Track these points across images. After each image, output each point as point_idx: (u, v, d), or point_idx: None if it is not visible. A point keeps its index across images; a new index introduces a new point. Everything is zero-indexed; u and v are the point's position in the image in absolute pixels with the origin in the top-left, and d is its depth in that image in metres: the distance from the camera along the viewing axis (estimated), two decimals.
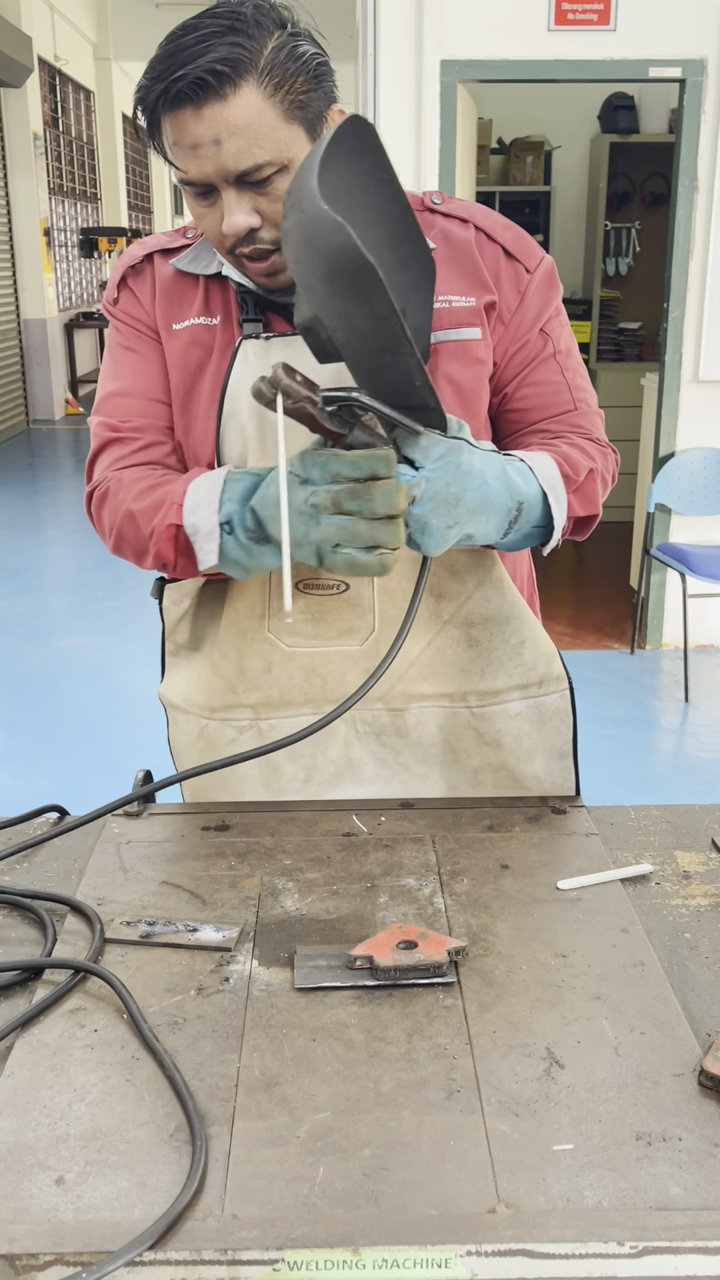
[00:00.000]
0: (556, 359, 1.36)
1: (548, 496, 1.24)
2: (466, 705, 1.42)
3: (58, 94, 12.19)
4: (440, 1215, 0.77)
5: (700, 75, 4.30)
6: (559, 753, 1.45)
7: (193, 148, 1.16)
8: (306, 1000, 0.99)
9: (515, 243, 1.35)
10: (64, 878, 1.20)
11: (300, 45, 1.18)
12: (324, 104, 1.21)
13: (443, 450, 1.11)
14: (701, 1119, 0.85)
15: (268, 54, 1.15)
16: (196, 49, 1.13)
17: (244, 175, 1.17)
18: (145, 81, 1.17)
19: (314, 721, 1.18)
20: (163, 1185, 0.79)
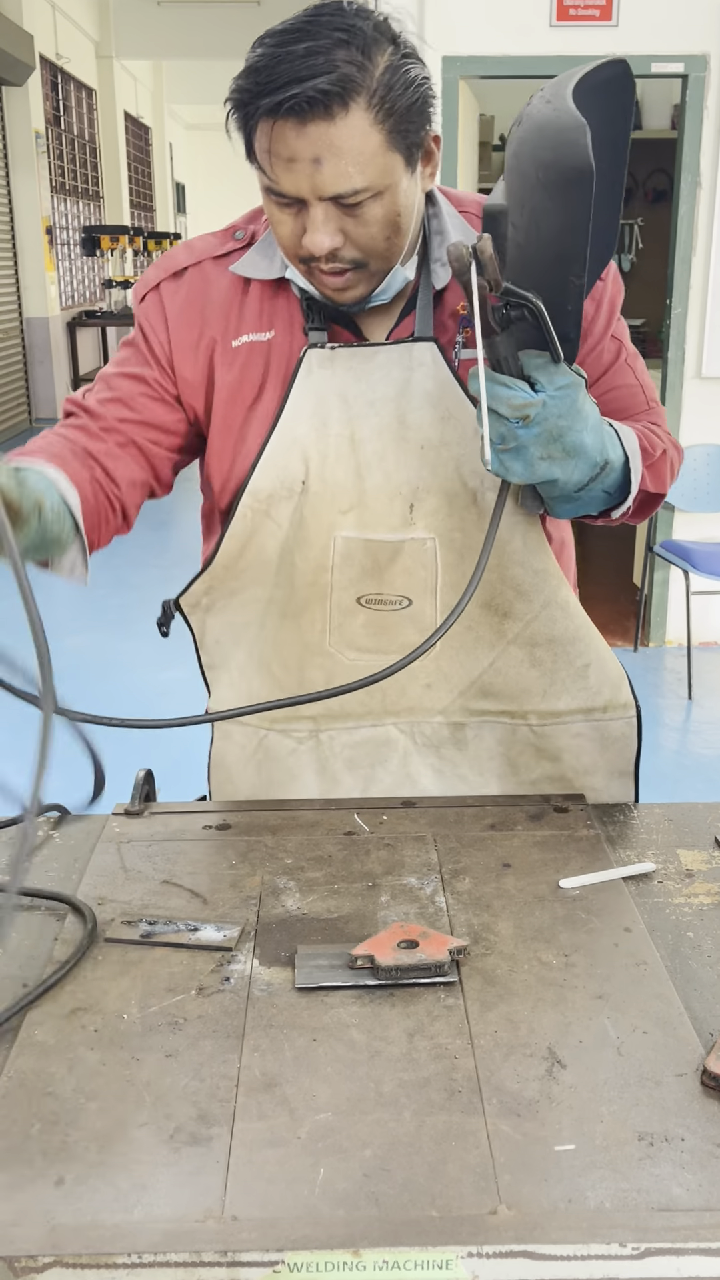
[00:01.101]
0: (628, 362, 1.37)
1: (629, 462, 1.22)
2: (528, 724, 1.41)
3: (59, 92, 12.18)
4: (441, 1216, 0.76)
5: (703, 71, 4.28)
6: (620, 771, 1.44)
7: (289, 161, 1.12)
8: (307, 1000, 0.99)
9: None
10: (64, 877, 1.20)
11: (411, 68, 1.14)
12: (425, 130, 1.18)
13: (567, 382, 1.11)
14: (704, 1119, 0.85)
15: (379, 75, 1.11)
16: (308, 61, 1.08)
17: (339, 197, 1.14)
18: (246, 84, 1.11)
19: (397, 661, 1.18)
20: (162, 1187, 0.79)
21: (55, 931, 1.10)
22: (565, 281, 1.07)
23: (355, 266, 1.20)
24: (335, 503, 1.31)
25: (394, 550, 1.31)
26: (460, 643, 1.36)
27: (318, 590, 1.34)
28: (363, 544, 1.31)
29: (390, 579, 1.33)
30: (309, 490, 1.30)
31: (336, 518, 1.31)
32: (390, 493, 1.30)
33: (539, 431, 1.11)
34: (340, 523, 1.31)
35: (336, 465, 1.30)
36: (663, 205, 6.71)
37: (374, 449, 1.29)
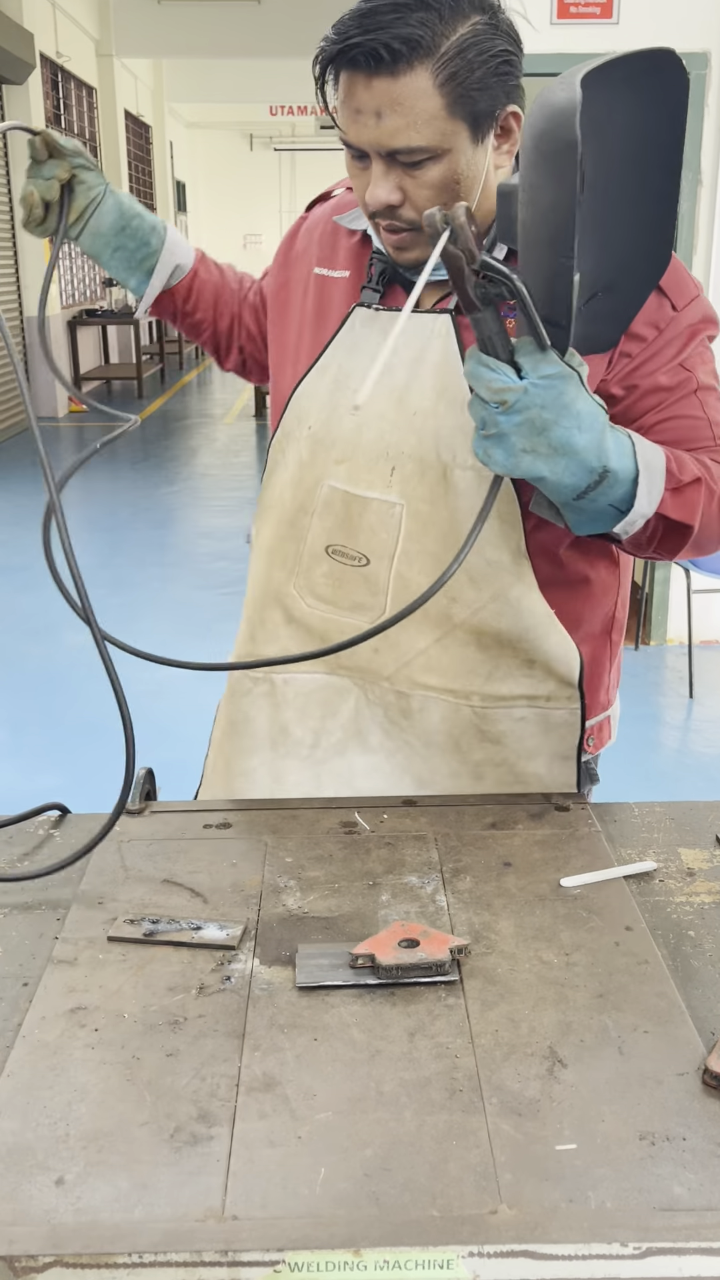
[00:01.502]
0: (698, 395, 1.31)
1: (639, 476, 1.17)
2: (470, 704, 1.41)
3: (60, 91, 12.17)
4: (442, 1216, 0.76)
5: (703, 69, 4.28)
6: (562, 756, 1.44)
7: (356, 113, 1.18)
8: (308, 999, 0.99)
9: (668, 276, 1.27)
10: (66, 876, 1.20)
11: (491, 39, 1.16)
12: (499, 104, 1.20)
13: (553, 371, 1.09)
14: (705, 1118, 0.85)
15: (453, 40, 1.14)
16: (386, 18, 1.13)
17: (395, 153, 1.18)
18: (332, 35, 1.17)
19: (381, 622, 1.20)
20: (163, 1186, 0.79)
21: (55, 930, 1.10)
22: (554, 263, 1.04)
23: (411, 227, 1.24)
24: (332, 452, 1.37)
25: (366, 507, 1.35)
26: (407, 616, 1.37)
27: (296, 531, 1.41)
28: (343, 495, 1.37)
29: (356, 535, 1.37)
30: (314, 435, 1.38)
31: (331, 466, 1.37)
32: (378, 453, 1.35)
33: (520, 420, 1.09)
34: (333, 472, 1.37)
35: (345, 417, 1.35)
36: None
37: (378, 408, 1.33)
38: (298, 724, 1.46)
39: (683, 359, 1.30)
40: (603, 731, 1.53)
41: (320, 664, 1.43)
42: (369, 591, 1.38)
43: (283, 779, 1.47)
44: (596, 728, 1.50)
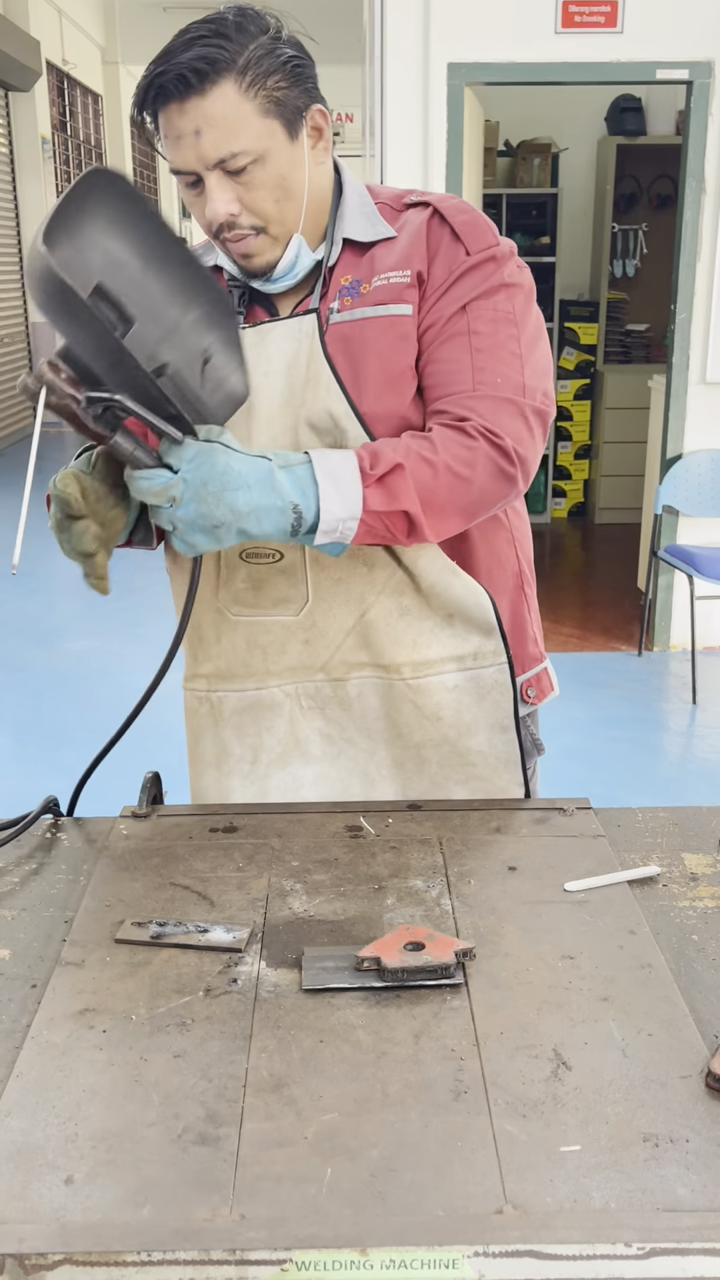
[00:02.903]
0: (470, 339, 1.33)
1: (319, 488, 1.22)
2: (402, 678, 1.43)
3: (66, 98, 12.22)
4: (447, 1216, 0.77)
5: (707, 77, 4.29)
6: (500, 726, 1.46)
7: (177, 138, 1.27)
8: (314, 1001, 0.99)
9: (466, 226, 1.36)
10: (72, 879, 1.21)
11: (280, 48, 1.28)
12: (302, 101, 1.30)
13: (194, 452, 1.19)
14: (709, 1120, 0.85)
15: (246, 54, 1.25)
16: (183, 52, 1.24)
17: (221, 163, 1.27)
18: (141, 81, 1.28)
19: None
20: (171, 1185, 0.80)
21: (63, 933, 1.10)
22: (129, 375, 1.14)
23: (256, 232, 1.32)
24: None
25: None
26: (332, 596, 1.40)
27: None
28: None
29: None
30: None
31: None
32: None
33: (194, 504, 1.19)
34: None
35: (235, 431, 1.34)
36: (667, 211, 6.72)
37: (264, 413, 1.37)
38: (236, 742, 1.48)
39: (466, 301, 1.34)
40: (541, 683, 1.54)
41: (250, 678, 1.45)
42: (289, 584, 1.41)
43: (229, 796, 1.49)
44: (534, 679, 1.52)
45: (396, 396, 1.34)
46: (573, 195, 7.19)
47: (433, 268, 1.35)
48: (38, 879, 1.21)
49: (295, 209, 1.33)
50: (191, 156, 1.27)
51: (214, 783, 1.50)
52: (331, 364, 1.34)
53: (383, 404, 1.34)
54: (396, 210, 1.40)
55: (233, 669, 1.45)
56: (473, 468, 1.28)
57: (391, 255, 1.37)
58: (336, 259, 1.38)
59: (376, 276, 1.36)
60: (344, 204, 1.39)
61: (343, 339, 1.35)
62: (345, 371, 1.35)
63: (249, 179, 1.28)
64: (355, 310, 1.36)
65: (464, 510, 1.30)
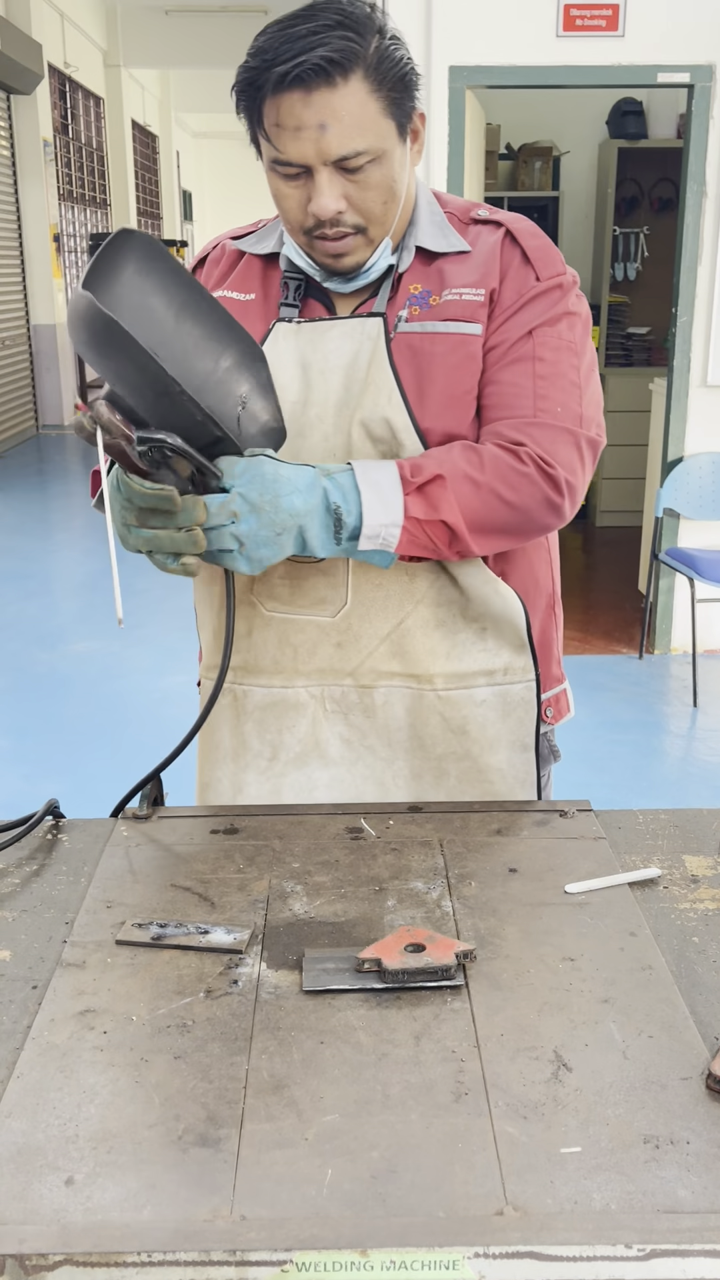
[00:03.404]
0: (534, 364, 1.35)
1: (362, 494, 1.24)
2: (434, 689, 1.43)
3: (68, 101, 12.24)
4: (448, 1217, 0.77)
5: (709, 81, 4.30)
6: (521, 744, 1.46)
7: (296, 129, 1.24)
8: (315, 1003, 0.99)
9: (537, 251, 1.38)
10: (73, 881, 1.21)
11: (398, 50, 1.28)
12: (411, 107, 1.30)
13: (243, 466, 1.20)
14: (709, 1122, 0.85)
15: (372, 52, 1.24)
16: (311, 38, 1.21)
17: (342, 160, 1.25)
18: (254, 63, 1.24)
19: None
20: (171, 1187, 0.80)
21: (64, 934, 1.11)
22: (176, 403, 1.14)
23: (356, 231, 1.31)
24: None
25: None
26: (371, 601, 1.40)
27: None
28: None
29: None
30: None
31: None
32: (323, 454, 1.37)
33: (256, 518, 1.19)
34: None
35: (286, 427, 1.36)
36: (668, 214, 6.73)
37: (316, 413, 1.37)
38: (256, 737, 1.47)
39: (533, 327, 1.35)
40: (560, 703, 1.55)
41: (276, 675, 1.45)
42: (329, 585, 1.40)
43: (243, 791, 1.48)
44: (554, 699, 1.53)
45: (458, 415, 1.34)
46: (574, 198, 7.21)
47: (503, 289, 1.36)
48: (39, 880, 1.21)
49: (396, 211, 1.32)
50: (310, 150, 1.24)
51: (228, 775, 1.50)
52: (396, 374, 1.34)
53: (443, 421, 1.34)
54: (464, 223, 1.40)
55: (261, 664, 1.45)
56: (518, 492, 1.30)
57: (464, 272, 1.37)
58: (409, 266, 1.37)
59: (448, 290, 1.36)
60: (418, 211, 1.39)
61: (410, 349, 1.35)
62: (409, 383, 1.34)
63: (363, 178, 1.27)
64: (426, 323, 1.35)
65: (505, 531, 1.32)
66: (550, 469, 1.31)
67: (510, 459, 1.30)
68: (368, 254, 1.33)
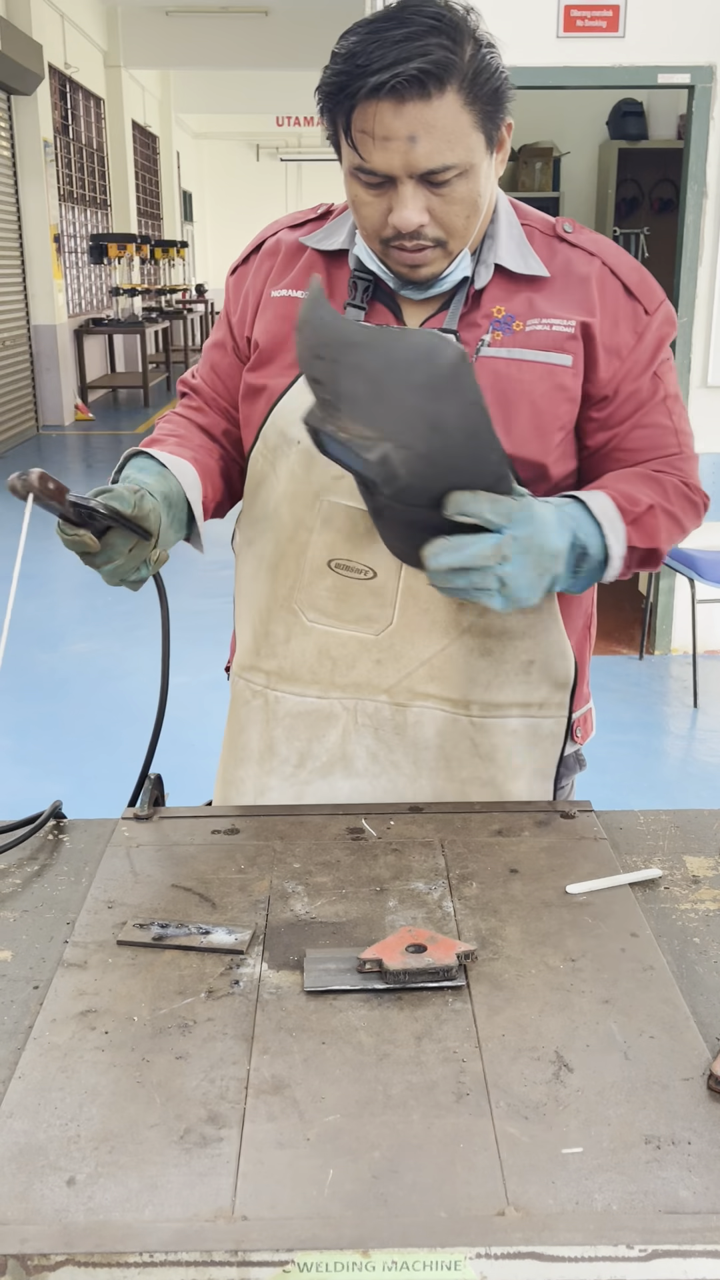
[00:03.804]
0: (666, 403, 1.38)
1: (603, 527, 1.27)
2: (469, 715, 1.42)
3: (68, 101, 12.24)
4: (450, 1217, 0.77)
5: (709, 81, 4.30)
6: (543, 774, 1.46)
7: (384, 139, 1.19)
8: (316, 1003, 0.99)
9: (639, 284, 1.36)
10: (74, 881, 1.21)
11: (493, 58, 1.22)
12: (502, 118, 1.25)
13: (520, 507, 1.16)
14: (710, 1123, 0.85)
15: (468, 61, 1.19)
16: (408, 45, 1.15)
17: (430, 174, 1.20)
18: (345, 68, 1.18)
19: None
20: (173, 1187, 0.80)
21: (65, 934, 1.11)
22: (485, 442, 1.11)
23: (436, 244, 1.26)
24: (330, 468, 1.34)
25: (370, 522, 1.34)
26: (416, 624, 1.39)
27: (296, 546, 1.40)
28: (346, 510, 1.36)
29: (361, 548, 1.37)
30: (306, 451, 1.36)
31: (329, 482, 1.36)
32: None
33: (526, 559, 1.17)
34: (332, 487, 1.36)
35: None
36: (669, 215, 6.73)
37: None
38: (284, 743, 1.47)
39: (655, 366, 1.37)
40: (586, 723, 1.55)
41: (312, 685, 1.44)
42: (376, 604, 1.39)
43: (265, 794, 1.48)
44: (582, 719, 1.53)
45: (541, 445, 1.33)
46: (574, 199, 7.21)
47: (615, 329, 1.33)
48: (40, 881, 1.21)
49: (477, 225, 1.28)
50: (397, 162, 1.19)
51: (252, 777, 1.49)
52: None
53: (525, 450, 1.32)
54: (547, 236, 1.36)
55: (297, 673, 1.44)
56: (690, 520, 1.39)
57: (553, 299, 1.33)
58: (486, 283, 1.33)
59: (535, 319, 1.32)
60: (497, 223, 1.34)
61: (495, 375, 1.32)
62: (493, 409, 1.27)
63: (449, 192, 1.22)
64: (513, 349, 1.32)
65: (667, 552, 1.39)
66: (705, 498, 1.41)
67: (687, 491, 1.38)
68: (445, 265, 1.29)
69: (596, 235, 1.39)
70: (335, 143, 1.26)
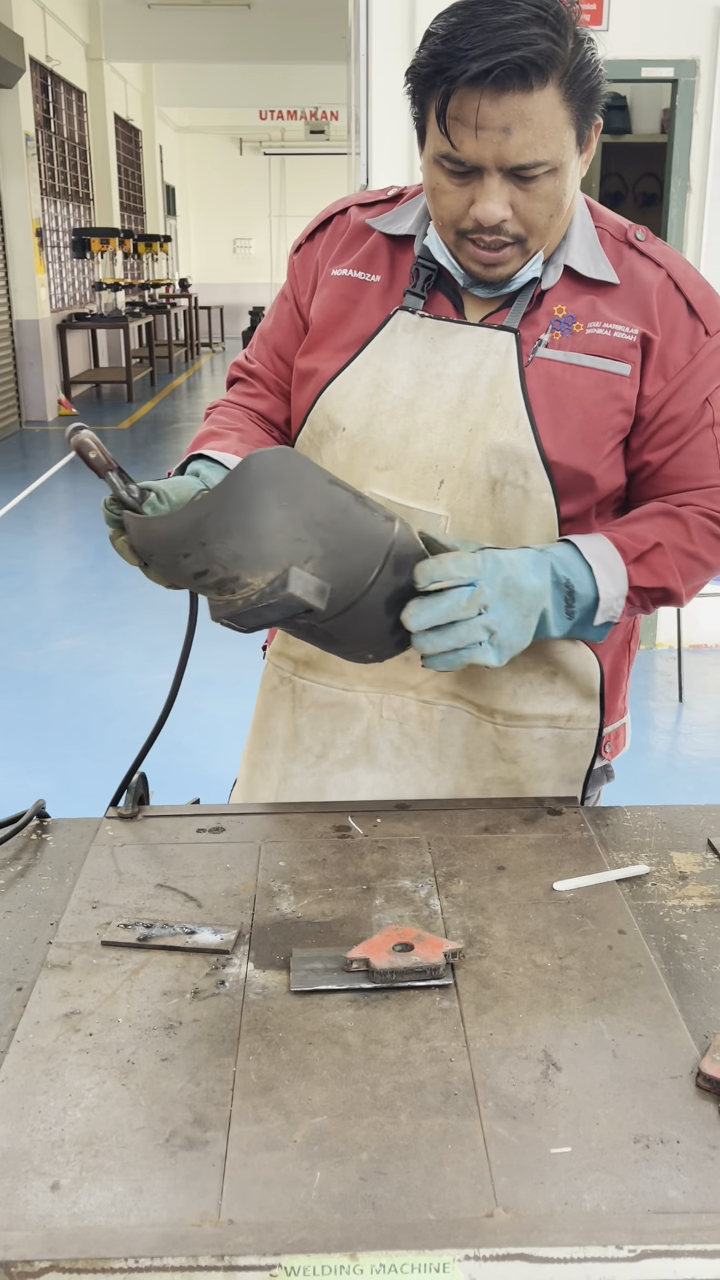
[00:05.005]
0: (714, 430, 1.33)
1: (594, 569, 1.25)
2: (493, 722, 1.41)
3: (50, 94, 12.17)
4: (438, 1219, 0.76)
5: (692, 75, 4.30)
6: (570, 780, 1.45)
7: (477, 129, 1.14)
8: (303, 1003, 0.99)
9: (703, 301, 1.32)
10: (58, 881, 1.20)
11: (594, 54, 1.17)
12: (594, 116, 1.21)
13: (477, 560, 1.16)
14: (699, 1121, 0.85)
15: (570, 54, 1.14)
16: (511, 32, 1.10)
17: (520, 169, 1.17)
18: (443, 49, 1.13)
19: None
20: (159, 1191, 0.79)
21: (49, 935, 1.10)
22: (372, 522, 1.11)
23: (515, 241, 1.23)
24: (374, 458, 1.34)
25: (410, 517, 1.32)
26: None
27: None
28: (385, 503, 1.32)
29: None
30: (351, 439, 1.34)
31: (372, 473, 1.34)
32: (427, 464, 1.32)
33: (502, 601, 1.17)
34: (375, 479, 1.34)
35: (387, 424, 1.33)
36: (653, 209, 6.73)
37: (426, 419, 1.32)
38: (309, 732, 1.46)
39: (709, 392, 1.32)
40: (619, 738, 1.53)
41: (339, 678, 1.43)
42: None
43: (289, 780, 1.48)
44: (614, 734, 1.51)
45: (590, 454, 1.30)
46: None
47: (670, 345, 1.30)
48: (23, 881, 1.20)
49: (559, 225, 1.25)
50: (488, 153, 1.15)
51: (277, 762, 1.48)
52: (528, 399, 1.28)
53: (574, 457, 1.29)
54: (618, 240, 1.33)
55: (326, 663, 1.43)
56: (707, 553, 1.33)
57: (616, 305, 1.30)
58: (555, 283, 1.30)
59: (596, 322, 1.29)
60: (572, 224, 1.30)
61: (549, 378, 1.29)
62: (542, 412, 1.28)
63: (535, 188, 1.18)
64: (569, 353, 1.29)
65: (700, 587, 1.36)
66: None
67: (711, 524, 1.33)
68: (520, 265, 1.26)
69: (667, 247, 1.35)
70: (421, 126, 1.22)
